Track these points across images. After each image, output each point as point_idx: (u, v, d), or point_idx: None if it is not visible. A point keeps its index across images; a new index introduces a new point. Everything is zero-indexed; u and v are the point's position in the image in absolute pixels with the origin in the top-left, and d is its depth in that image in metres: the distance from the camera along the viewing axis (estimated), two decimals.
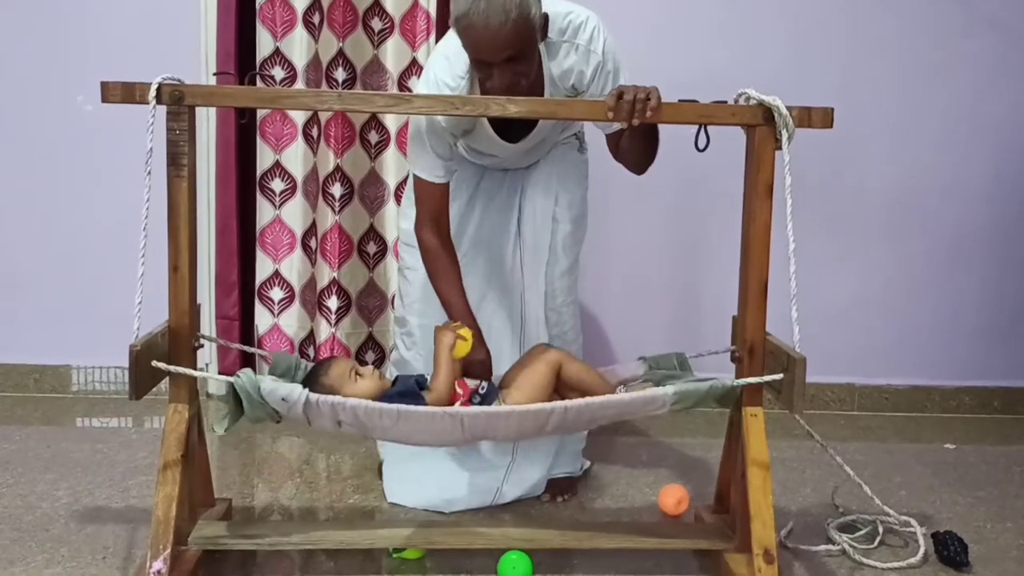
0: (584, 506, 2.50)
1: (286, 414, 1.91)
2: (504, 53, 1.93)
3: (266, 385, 1.89)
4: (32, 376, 3.40)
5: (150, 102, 1.85)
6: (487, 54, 1.94)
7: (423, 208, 2.25)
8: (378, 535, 2.11)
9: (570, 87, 2.18)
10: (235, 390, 1.89)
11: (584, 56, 2.13)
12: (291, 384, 1.93)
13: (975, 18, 3.35)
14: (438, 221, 2.24)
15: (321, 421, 1.93)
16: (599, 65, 2.14)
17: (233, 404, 1.91)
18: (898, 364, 3.52)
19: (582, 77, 2.16)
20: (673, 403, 1.97)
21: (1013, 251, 3.49)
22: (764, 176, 1.95)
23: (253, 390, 1.87)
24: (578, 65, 2.14)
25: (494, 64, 1.96)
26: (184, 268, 1.92)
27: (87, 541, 2.17)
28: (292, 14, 3.10)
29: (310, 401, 1.88)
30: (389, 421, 1.90)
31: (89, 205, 3.32)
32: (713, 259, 3.40)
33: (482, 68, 1.99)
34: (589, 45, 2.13)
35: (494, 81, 1.98)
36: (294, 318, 3.27)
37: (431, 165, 2.20)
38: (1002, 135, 3.42)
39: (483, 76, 2.01)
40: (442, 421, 1.92)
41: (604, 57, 2.14)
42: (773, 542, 1.88)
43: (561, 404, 1.93)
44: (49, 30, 3.25)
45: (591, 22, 2.14)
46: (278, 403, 1.88)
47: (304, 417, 1.91)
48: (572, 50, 2.13)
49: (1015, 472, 2.88)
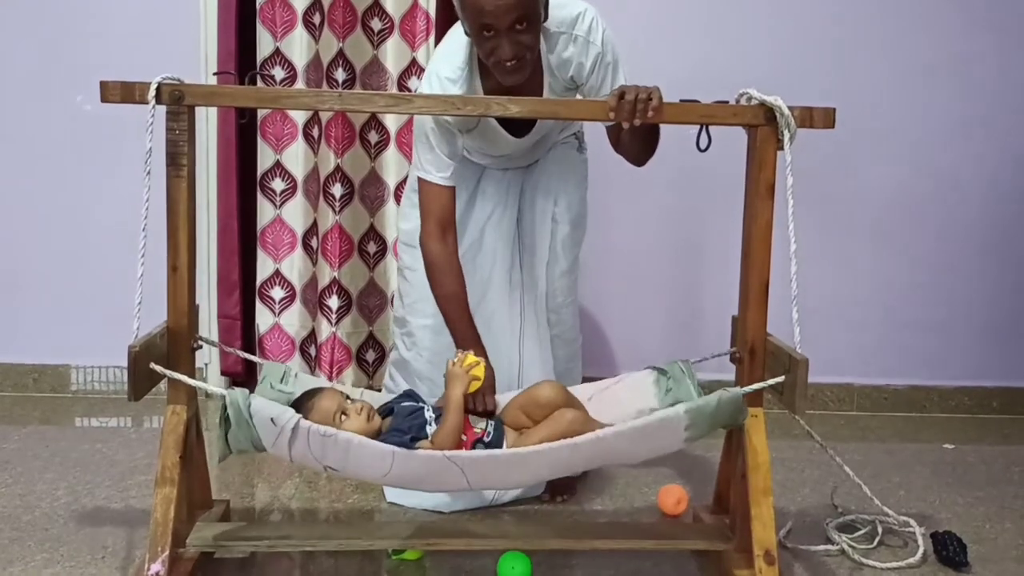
0: (583, 506, 2.50)
1: (271, 444, 1.79)
2: (512, 15, 1.92)
3: (256, 403, 1.78)
4: (31, 376, 3.40)
5: (149, 102, 1.84)
6: (493, 17, 1.93)
7: (430, 217, 2.21)
8: (377, 536, 2.10)
9: (569, 78, 2.18)
10: (225, 407, 1.79)
11: (583, 47, 2.13)
12: (282, 407, 1.82)
13: (973, 20, 3.35)
14: (445, 232, 2.20)
15: (305, 456, 1.80)
16: (598, 56, 2.14)
17: (222, 432, 1.81)
18: (897, 364, 3.52)
19: (581, 69, 2.15)
20: (687, 427, 1.87)
21: (1012, 252, 3.49)
22: (766, 176, 1.95)
23: (244, 407, 1.77)
24: (577, 56, 2.14)
25: (500, 31, 1.94)
26: (183, 268, 1.91)
27: (86, 541, 2.17)
28: (292, 14, 3.10)
29: (300, 428, 1.76)
30: (383, 464, 1.79)
31: (89, 205, 3.32)
32: (713, 259, 3.39)
33: (487, 40, 1.98)
34: (588, 36, 2.13)
35: (500, 52, 1.97)
36: (295, 317, 3.27)
37: (436, 164, 2.19)
38: (1001, 136, 3.42)
39: (487, 48, 1.99)
40: (440, 465, 1.81)
41: (603, 48, 2.14)
42: (774, 542, 1.88)
43: (570, 442, 1.83)
44: (49, 30, 3.25)
45: (589, 13, 2.14)
46: (266, 424, 1.76)
47: (288, 446, 1.78)
48: (571, 41, 2.13)
49: (1014, 472, 2.88)
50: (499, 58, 1.98)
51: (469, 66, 2.14)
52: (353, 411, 1.95)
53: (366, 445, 1.80)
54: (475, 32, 2.00)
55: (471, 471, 1.84)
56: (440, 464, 1.82)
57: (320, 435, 1.78)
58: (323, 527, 2.31)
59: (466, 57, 2.13)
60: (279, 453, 1.82)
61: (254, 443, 1.80)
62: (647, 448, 1.96)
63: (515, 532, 2.14)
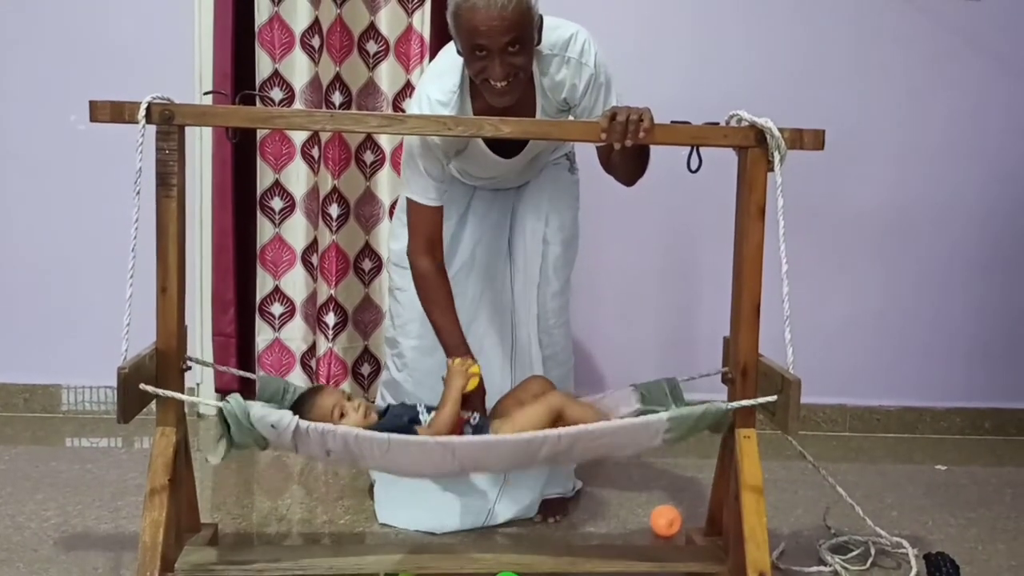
0: (576, 527, 2.49)
1: (275, 441, 1.89)
2: (505, 37, 1.93)
3: (256, 411, 1.87)
4: (22, 396, 3.39)
5: (139, 121, 1.84)
6: (487, 38, 1.93)
7: (417, 233, 2.22)
8: (368, 560, 2.09)
9: (562, 100, 2.19)
10: (224, 416, 1.86)
11: (576, 69, 2.14)
12: (281, 411, 1.90)
13: (968, 43, 3.37)
14: (433, 248, 2.22)
15: (309, 448, 1.91)
16: (591, 78, 2.15)
17: (224, 431, 1.88)
18: (889, 385, 3.52)
19: (574, 91, 2.16)
20: (667, 431, 1.93)
21: (1004, 273, 3.50)
22: (756, 197, 1.96)
23: (243, 416, 1.85)
24: (570, 79, 2.15)
25: (492, 51, 1.95)
26: (172, 289, 1.90)
27: (76, 562, 2.15)
28: (291, 36, 3.13)
29: (300, 428, 1.86)
30: (379, 450, 1.88)
31: (80, 225, 3.32)
32: (705, 280, 3.40)
33: (479, 59, 1.98)
34: (581, 58, 2.13)
35: (490, 72, 1.97)
36: (296, 332, 3.31)
37: (424, 187, 2.20)
38: (994, 158, 3.44)
39: (479, 68, 1.99)
40: (432, 450, 1.89)
41: (596, 70, 2.15)
42: (768, 565, 1.88)
43: (554, 432, 1.90)
44: (45, 49, 3.26)
45: (581, 35, 2.15)
46: (267, 430, 1.86)
47: (292, 445, 1.89)
48: (564, 64, 2.14)
49: (1006, 493, 2.87)
50: (489, 78, 1.99)
51: (460, 89, 2.14)
52: (351, 408, 2.03)
53: (363, 436, 1.87)
54: (467, 51, 2.00)
55: (464, 456, 1.91)
56: (434, 450, 1.90)
57: (319, 432, 1.86)
58: (314, 550, 2.30)
59: (458, 80, 2.13)
60: (283, 447, 1.92)
61: (257, 441, 1.90)
62: (628, 443, 2.00)
63: (508, 555, 2.13)
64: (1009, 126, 3.42)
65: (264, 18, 3.12)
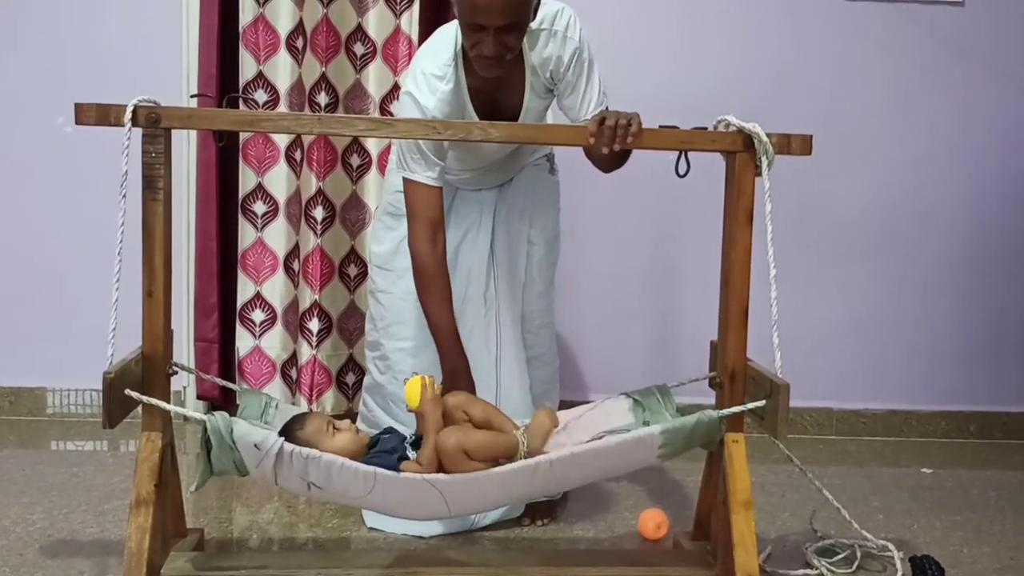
0: (564, 530, 2.48)
1: (255, 466, 1.82)
2: (503, 20, 1.97)
3: (239, 429, 1.80)
4: (7, 399, 3.37)
5: (125, 124, 1.83)
6: (484, 16, 1.97)
7: (418, 218, 2.19)
8: (356, 564, 2.08)
9: (548, 77, 2.22)
10: (207, 432, 1.80)
11: (562, 43, 2.17)
12: (266, 431, 1.84)
13: (954, 47, 3.39)
14: (435, 232, 2.19)
15: (291, 479, 1.84)
16: (575, 52, 2.18)
17: (204, 454, 1.82)
18: (875, 389, 3.53)
19: (560, 63, 2.18)
20: (660, 446, 1.92)
21: (990, 277, 3.51)
22: (744, 202, 1.97)
23: (226, 433, 1.79)
24: (556, 51, 2.18)
25: (488, 30, 1.99)
26: (159, 293, 1.89)
27: (61, 567, 2.14)
28: (275, 38, 3.10)
29: (284, 452, 1.79)
30: (364, 485, 1.82)
31: (67, 227, 3.30)
32: (691, 284, 3.40)
33: (473, 35, 2.02)
34: (566, 32, 2.17)
35: (483, 47, 2.02)
36: (276, 340, 3.24)
37: (426, 164, 2.18)
38: (980, 162, 3.46)
39: (474, 40, 2.04)
40: (421, 488, 1.84)
41: (580, 44, 2.18)
42: (756, 569, 1.88)
43: (545, 459, 1.87)
44: (32, 52, 3.24)
45: (567, 11, 2.19)
46: (250, 450, 1.79)
47: (273, 473, 1.81)
48: (551, 37, 2.17)
49: (991, 496, 2.89)
50: (481, 53, 2.04)
51: (455, 63, 2.17)
52: (344, 426, 1.97)
53: (349, 466, 1.81)
54: (465, 24, 2.05)
55: (450, 494, 1.86)
56: (420, 488, 1.85)
57: (303, 457, 1.80)
58: (301, 555, 2.29)
59: (452, 54, 2.17)
60: (263, 476, 1.84)
61: (237, 465, 1.83)
62: (622, 464, 2.01)
63: (496, 559, 2.13)
64: (994, 131, 3.44)
65: (249, 19, 3.09)
